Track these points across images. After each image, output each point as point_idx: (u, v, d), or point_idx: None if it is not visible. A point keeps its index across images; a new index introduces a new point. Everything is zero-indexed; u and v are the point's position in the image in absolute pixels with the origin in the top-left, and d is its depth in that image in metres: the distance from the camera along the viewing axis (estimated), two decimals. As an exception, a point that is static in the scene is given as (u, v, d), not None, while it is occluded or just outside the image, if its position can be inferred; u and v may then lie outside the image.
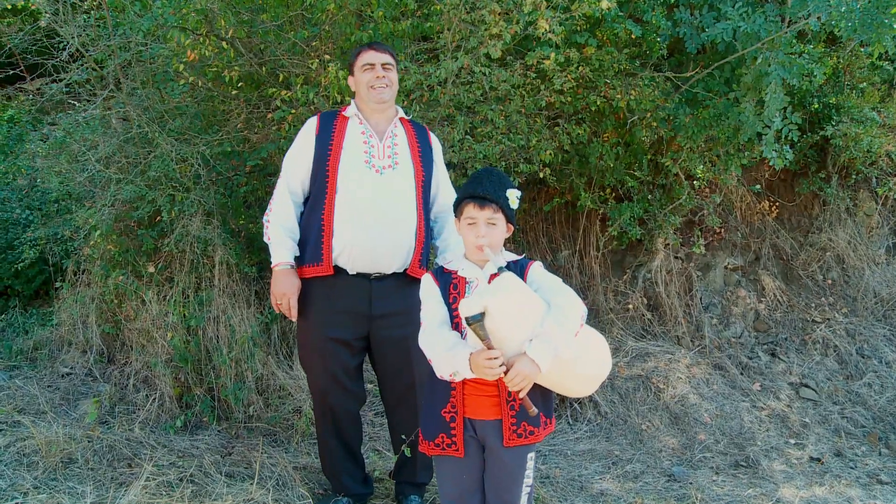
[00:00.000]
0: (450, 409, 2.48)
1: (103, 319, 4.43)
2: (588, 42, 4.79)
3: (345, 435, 3.36)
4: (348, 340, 3.22)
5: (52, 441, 3.41)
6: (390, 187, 3.19)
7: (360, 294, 3.19)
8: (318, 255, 3.16)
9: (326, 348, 3.20)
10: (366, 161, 3.19)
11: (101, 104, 4.11)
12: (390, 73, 3.27)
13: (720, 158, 5.41)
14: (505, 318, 2.26)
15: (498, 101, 4.61)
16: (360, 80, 3.27)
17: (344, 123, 3.27)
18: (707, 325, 5.75)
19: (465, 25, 4.21)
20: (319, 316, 3.22)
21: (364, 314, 3.20)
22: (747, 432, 4.77)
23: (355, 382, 3.33)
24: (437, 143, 3.48)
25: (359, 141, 3.23)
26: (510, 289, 2.31)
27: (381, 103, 3.25)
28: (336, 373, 3.23)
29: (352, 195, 3.15)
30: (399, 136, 3.31)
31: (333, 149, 3.21)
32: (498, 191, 2.49)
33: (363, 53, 3.27)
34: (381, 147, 3.24)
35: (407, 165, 3.27)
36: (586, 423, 4.79)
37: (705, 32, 4.62)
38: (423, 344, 2.45)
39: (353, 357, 3.28)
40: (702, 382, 5.19)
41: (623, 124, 5.31)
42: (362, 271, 3.18)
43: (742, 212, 6.36)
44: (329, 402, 3.27)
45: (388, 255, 3.17)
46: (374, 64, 3.23)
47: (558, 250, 6.38)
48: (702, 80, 5.06)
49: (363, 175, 3.17)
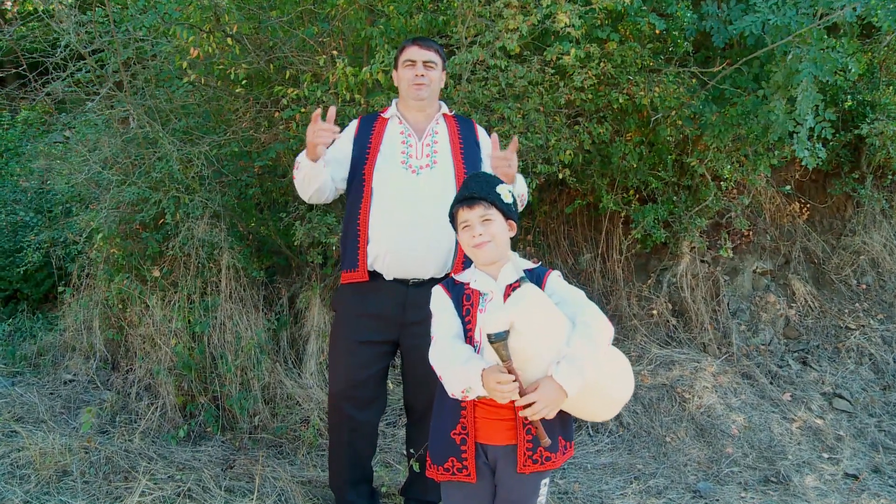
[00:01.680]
0: (459, 430, 2.29)
1: (107, 325, 4.31)
2: (610, 37, 4.59)
3: (357, 444, 3.19)
4: (377, 343, 3.09)
5: (46, 452, 3.28)
6: (426, 188, 3.02)
7: (395, 300, 3.04)
8: (354, 260, 3.04)
9: (353, 351, 3.07)
10: (402, 162, 3.05)
11: (104, 103, 3.98)
12: (432, 71, 3.10)
13: (748, 158, 5.17)
14: (532, 336, 2.07)
15: (516, 98, 4.43)
16: (401, 77, 3.13)
17: (383, 125, 3.14)
18: (735, 331, 5.52)
19: (480, 20, 4.03)
20: (350, 320, 3.11)
21: (396, 319, 3.05)
22: (777, 445, 4.53)
23: (377, 390, 3.17)
24: (484, 136, 3.27)
25: (397, 141, 3.09)
26: (537, 302, 2.12)
27: (418, 101, 3.10)
28: (358, 378, 3.08)
29: (385, 198, 3.01)
30: (440, 134, 3.15)
31: (371, 151, 3.08)
32: (485, 188, 2.33)
33: (407, 49, 3.12)
34: (419, 146, 3.09)
35: (446, 164, 3.09)
36: (607, 434, 4.58)
37: (733, 26, 4.40)
38: (434, 359, 2.27)
39: (378, 360, 3.13)
40: (729, 392, 4.96)
41: (646, 123, 5.09)
42: (399, 277, 3.03)
43: (771, 214, 6.11)
44: (346, 409, 3.11)
45: (424, 260, 3.01)
46: (415, 61, 3.08)
47: (580, 254, 6.19)
48: (729, 76, 4.83)
49: (398, 176, 3.03)
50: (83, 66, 4.02)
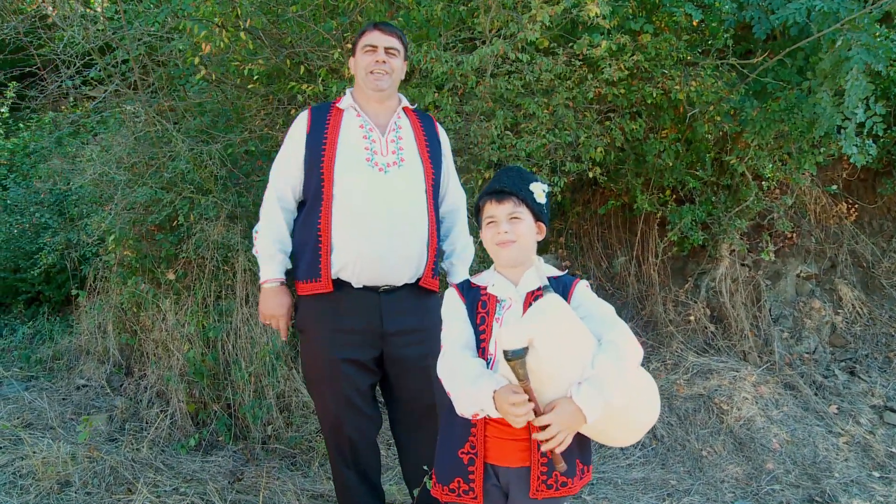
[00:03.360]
0: (468, 450, 2.10)
1: (121, 329, 4.20)
2: (643, 28, 4.36)
3: (363, 465, 2.99)
4: (362, 361, 2.83)
5: (49, 462, 3.16)
6: (396, 188, 2.78)
7: (368, 310, 2.79)
8: (315, 270, 2.76)
9: (337, 371, 2.80)
10: (367, 159, 2.79)
11: (112, 101, 3.87)
12: (394, 59, 2.86)
13: (792, 156, 4.89)
14: (553, 355, 1.87)
15: (543, 93, 4.22)
16: (359, 64, 2.86)
17: (339, 117, 2.87)
18: (777, 339, 5.22)
19: (505, 11, 3.83)
20: (325, 335, 2.82)
21: (376, 332, 2.80)
22: (822, 462, 4.24)
23: (371, 406, 2.95)
24: (444, 135, 3.07)
25: (357, 136, 2.83)
26: (560, 317, 1.91)
27: (377, 91, 2.84)
28: (350, 396, 2.84)
29: (351, 199, 2.74)
30: (404, 129, 2.91)
31: (327, 147, 2.80)
32: (518, 183, 2.13)
33: (367, 33, 2.87)
34: (383, 142, 2.84)
35: (414, 162, 2.87)
36: (640, 447, 4.34)
37: (775, 15, 4.14)
38: (443, 372, 2.07)
39: (366, 378, 2.88)
40: (770, 403, 4.68)
41: (683, 119, 4.84)
42: (369, 284, 2.78)
43: (816, 215, 5.79)
44: (344, 431, 2.88)
45: (397, 266, 2.77)
46: (376, 46, 2.82)
47: (614, 256, 5.95)
48: (771, 68, 4.57)
49: (364, 175, 2.76)
50: (95, 63, 3.91)
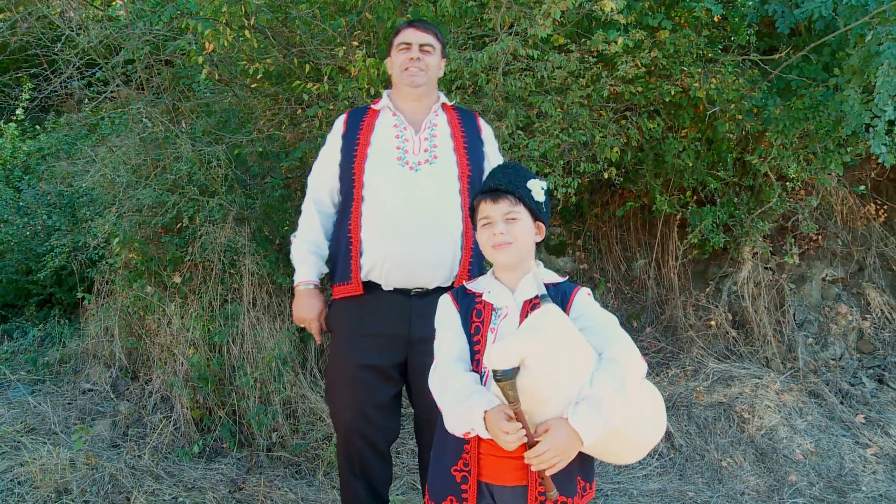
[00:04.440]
0: (461, 467, 1.98)
1: (127, 332, 4.14)
2: (662, 24, 4.22)
3: (371, 476, 2.88)
4: (382, 367, 2.74)
5: (47, 469, 3.10)
6: (427, 186, 2.69)
7: (397, 314, 2.71)
8: (346, 272, 2.71)
9: (356, 378, 2.73)
10: (398, 158, 2.72)
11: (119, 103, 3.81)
12: (429, 56, 2.78)
13: (817, 155, 4.71)
14: (548, 374, 1.74)
15: (557, 92, 4.09)
16: (394, 62, 2.81)
17: (374, 117, 2.81)
18: (801, 345, 5.05)
19: (517, 7, 3.71)
20: (349, 341, 2.76)
21: (402, 337, 2.71)
22: (849, 474, 4.08)
23: (389, 418, 2.84)
24: (488, 131, 2.96)
25: (390, 135, 2.77)
26: (557, 332, 1.78)
27: (413, 87, 2.77)
28: (366, 407, 2.75)
29: (380, 198, 2.68)
30: (440, 126, 2.82)
31: (360, 147, 2.74)
32: (514, 180, 2.01)
33: (402, 31, 2.81)
34: (416, 140, 2.76)
35: (448, 159, 2.77)
36: (657, 457, 4.20)
37: (800, 9, 3.98)
38: (433, 387, 1.96)
39: (387, 387, 2.78)
40: (794, 412, 4.51)
41: (703, 118, 4.69)
42: (400, 287, 2.70)
43: (843, 216, 5.60)
44: (356, 441, 2.79)
45: (428, 268, 2.67)
46: (410, 44, 2.76)
47: (633, 259, 5.81)
48: (795, 65, 4.41)
49: (393, 174, 2.69)
50: (99, 64, 3.86)
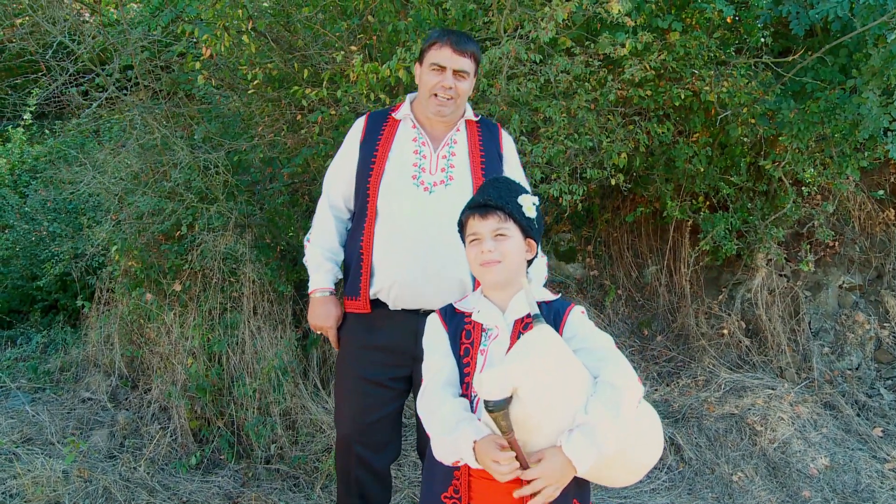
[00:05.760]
0: (451, 493, 1.91)
1: (127, 341, 4.09)
2: (672, 26, 4.11)
3: (368, 496, 2.82)
4: (384, 381, 2.68)
5: (39, 481, 3.05)
6: (440, 209, 2.57)
7: (404, 329, 2.64)
8: (356, 289, 2.65)
9: (359, 391, 2.68)
10: (413, 176, 2.62)
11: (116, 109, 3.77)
12: (462, 82, 2.61)
13: (833, 160, 4.58)
14: (539, 401, 1.66)
15: (564, 96, 4.00)
16: (423, 79, 2.64)
17: (394, 127, 2.70)
18: (816, 354, 4.92)
19: (521, 9, 3.62)
20: (354, 353, 2.71)
21: (407, 352, 2.64)
22: (865, 490, 3.94)
23: (390, 433, 2.77)
24: (510, 148, 2.83)
25: (408, 150, 2.66)
26: (550, 356, 1.70)
27: (438, 117, 2.65)
28: (367, 421, 2.69)
29: (393, 221, 2.59)
30: (459, 144, 2.70)
31: (377, 161, 2.65)
32: (504, 195, 1.93)
33: (438, 46, 2.59)
34: (434, 158, 2.66)
35: (464, 180, 2.65)
36: (665, 470, 4.09)
37: (815, 9, 3.86)
38: (422, 412, 1.90)
39: (390, 401, 2.72)
40: (808, 424, 4.38)
41: (715, 122, 4.57)
42: (407, 308, 2.64)
43: (861, 222, 5.46)
44: (354, 455, 2.72)
45: (437, 292, 2.58)
46: (444, 67, 2.58)
47: (644, 265, 5.70)
48: (810, 67, 4.28)
49: (408, 194, 2.60)
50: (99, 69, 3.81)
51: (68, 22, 3.26)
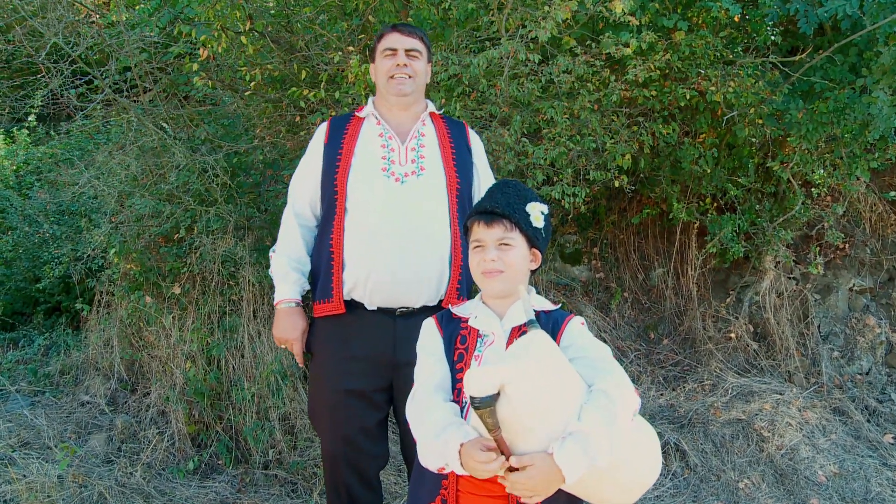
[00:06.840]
0: (439, 503, 1.86)
1: (127, 344, 4.06)
2: (677, 25, 4.05)
3: (359, 502, 2.78)
4: (366, 393, 2.61)
5: (33, 487, 3.02)
6: (413, 199, 2.56)
7: (381, 335, 2.58)
8: (327, 289, 2.58)
9: (340, 403, 2.61)
10: (383, 168, 2.59)
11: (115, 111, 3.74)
12: (416, 61, 2.65)
13: (843, 161, 4.50)
14: (530, 404, 1.60)
15: (566, 97, 3.94)
16: (379, 69, 2.68)
17: (358, 126, 2.68)
18: (826, 358, 4.83)
19: (523, 8, 3.57)
20: (332, 364, 2.63)
21: (386, 361, 2.59)
22: (875, 499, 3.86)
23: (376, 443, 2.72)
24: (477, 142, 2.83)
25: (375, 145, 2.63)
26: (542, 359, 1.64)
27: (400, 97, 2.64)
28: (351, 433, 2.63)
29: (364, 212, 2.55)
30: (427, 136, 2.69)
31: (343, 157, 2.61)
32: (513, 203, 1.87)
33: (386, 36, 2.68)
34: (402, 150, 2.63)
35: (436, 171, 2.64)
36: (670, 477, 4.02)
37: (824, 7, 3.79)
38: (410, 416, 1.84)
39: (373, 412, 2.66)
40: (817, 430, 4.30)
41: (721, 122, 4.50)
42: (384, 306, 2.57)
43: (872, 224, 5.37)
44: (342, 470, 2.67)
45: (413, 286, 2.54)
46: (396, 50, 2.63)
47: (651, 268, 5.63)
48: (819, 66, 4.21)
49: (378, 185, 2.56)
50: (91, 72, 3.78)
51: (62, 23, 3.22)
